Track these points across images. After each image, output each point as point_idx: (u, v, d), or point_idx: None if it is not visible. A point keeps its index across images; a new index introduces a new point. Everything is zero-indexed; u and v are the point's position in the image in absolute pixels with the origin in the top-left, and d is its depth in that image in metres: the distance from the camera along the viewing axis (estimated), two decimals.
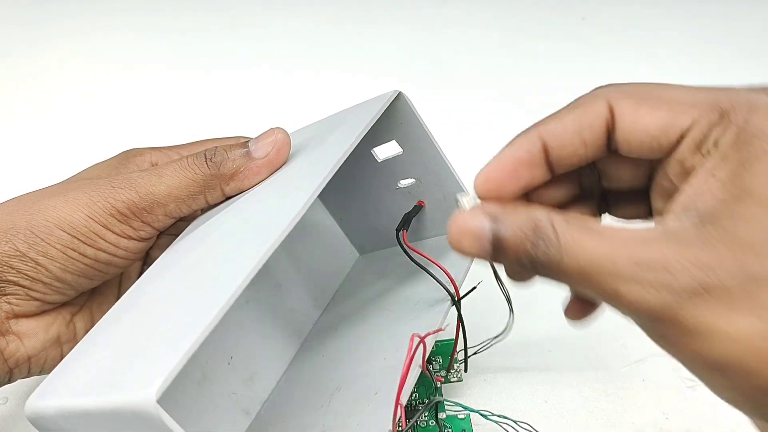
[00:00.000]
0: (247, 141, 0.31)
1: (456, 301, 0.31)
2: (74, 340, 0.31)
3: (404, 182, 0.35)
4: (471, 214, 0.22)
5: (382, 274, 0.38)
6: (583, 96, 0.24)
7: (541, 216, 0.22)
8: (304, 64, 0.70)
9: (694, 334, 0.21)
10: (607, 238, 0.21)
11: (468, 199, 0.23)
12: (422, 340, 0.27)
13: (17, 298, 0.29)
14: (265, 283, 0.37)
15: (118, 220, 0.29)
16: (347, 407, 0.30)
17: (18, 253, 0.28)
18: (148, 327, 0.24)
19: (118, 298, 0.33)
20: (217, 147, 0.30)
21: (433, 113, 0.37)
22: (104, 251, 0.29)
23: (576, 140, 0.23)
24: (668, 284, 0.21)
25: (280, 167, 0.30)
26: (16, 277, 0.28)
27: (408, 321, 0.33)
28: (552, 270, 0.22)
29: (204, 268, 0.26)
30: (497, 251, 0.22)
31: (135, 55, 0.71)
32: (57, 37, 0.74)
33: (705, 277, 0.20)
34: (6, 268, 0.28)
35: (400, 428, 0.26)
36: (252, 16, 0.79)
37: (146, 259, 0.35)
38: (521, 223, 0.22)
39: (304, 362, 0.35)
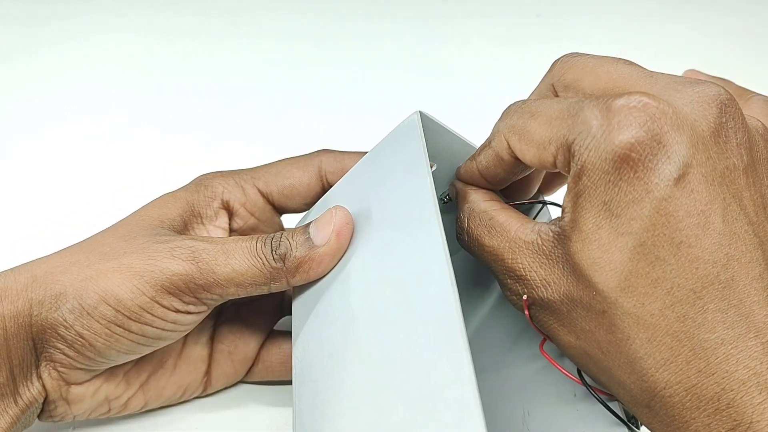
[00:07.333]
0: (309, 225, 0.29)
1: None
2: (124, 395, 0.31)
3: (448, 193, 0.34)
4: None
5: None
6: (492, 134, 0.28)
7: (464, 210, 0.28)
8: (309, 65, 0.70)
9: (549, 336, 0.25)
10: (497, 236, 0.26)
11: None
12: None
13: (64, 366, 0.28)
14: None
15: (169, 293, 0.28)
16: None
17: (65, 323, 0.27)
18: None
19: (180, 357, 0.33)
20: (282, 234, 0.29)
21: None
22: (150, 325, 0.28)
23: (499, 170, 0.28)
24: (519, 293, 0.25)
25: (350, 244, 0.29)
26: (62, 345, 0.28)
27: None
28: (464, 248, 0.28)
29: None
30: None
31: (136, 56, 0.71)
32: (57, 38, 0.74)
33: (543, 293, 0.24)
34: (54, 334, 0.27)
35: None
36: (254, 19, 0.79)
37: (213, 335, 0.34)
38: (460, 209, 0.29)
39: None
